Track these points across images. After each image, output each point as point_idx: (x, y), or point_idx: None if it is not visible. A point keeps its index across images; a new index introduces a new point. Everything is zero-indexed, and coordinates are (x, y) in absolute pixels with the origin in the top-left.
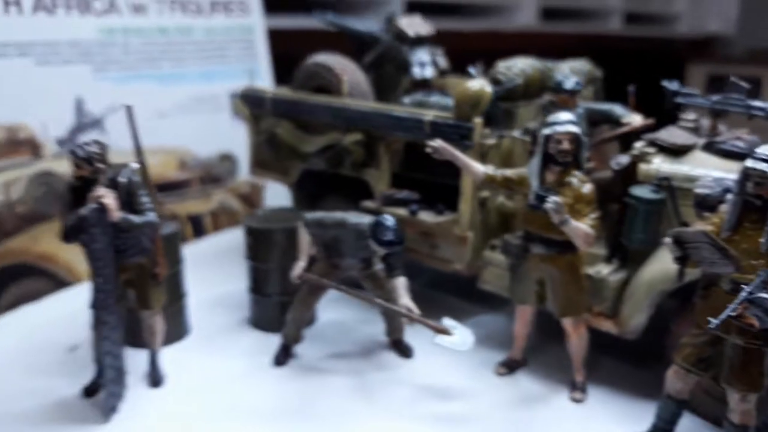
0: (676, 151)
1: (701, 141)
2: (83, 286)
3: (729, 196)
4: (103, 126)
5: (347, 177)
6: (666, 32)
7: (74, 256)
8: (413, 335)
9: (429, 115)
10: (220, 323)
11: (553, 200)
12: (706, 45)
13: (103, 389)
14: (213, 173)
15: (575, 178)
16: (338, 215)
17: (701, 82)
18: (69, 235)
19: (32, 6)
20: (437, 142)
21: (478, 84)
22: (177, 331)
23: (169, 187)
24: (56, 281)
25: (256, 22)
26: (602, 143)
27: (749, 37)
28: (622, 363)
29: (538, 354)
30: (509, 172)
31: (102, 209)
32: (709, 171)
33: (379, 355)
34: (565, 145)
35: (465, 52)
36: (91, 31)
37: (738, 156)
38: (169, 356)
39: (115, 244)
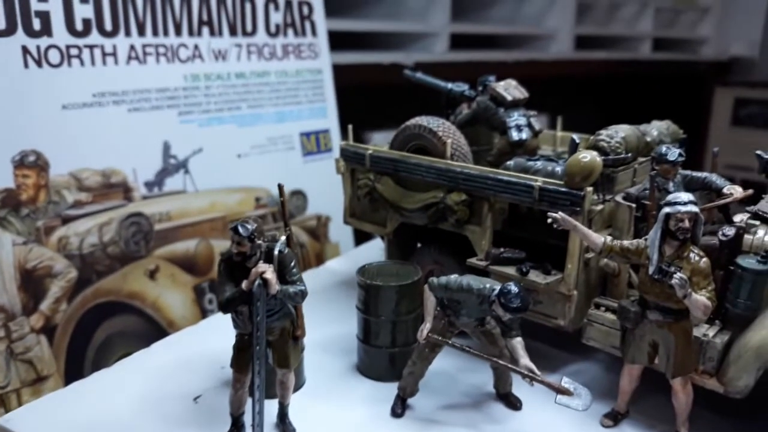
0: None
1: None
2: (182, 333)
3: None
4: (188, 168)
5: (444, 231)
6: (693, 56)
7: (160, 294)
8: (517, 387)
9: (538, 181)
10: (332, 370)
11: (679, 276)
12: (730, 67)
13: None
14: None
15: (693, 253)
16: (463, 281)
17: (729, 104)
18: (229, 307)
19: (126, 57)
20: (559, 214)
21: (590, 156)
22: (296, 381)
23: None
24: (144, 317)
25: (324, 64)
26: (704, 212)
27: None
28: (721, 416)
29: (638, 405)
30: (626, 243)
31: (264, 283)
32: None
33: (489, 407)
34: (686, 224)
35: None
36: (177, 77)
37: None
38: (291, 407)
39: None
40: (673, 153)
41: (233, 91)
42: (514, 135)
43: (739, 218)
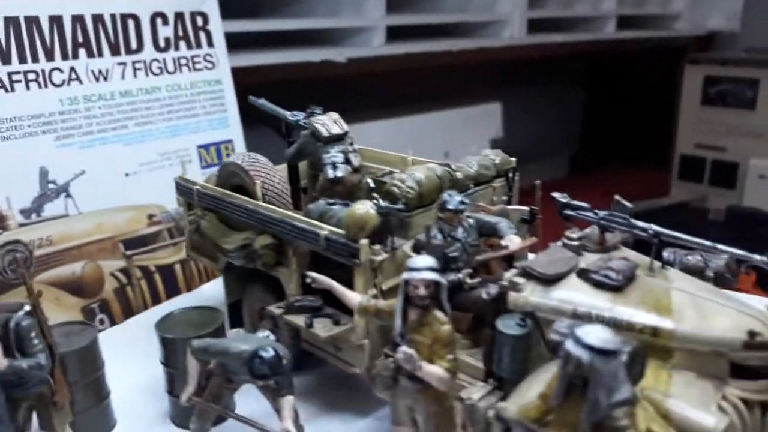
0: (550, 280)
1: (582, 260)
2: None
3: None
4: (69, 192)
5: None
6: (665, 33)
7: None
8: None
9: (325, 230)
10: (146, 415)
11: (402, 351)
12: (708, 43)
13: None
14: (182, 224)
15: (435, 320)
16: (221, 344)
17: (699, 83)
18: None
19: None
20: (313, 275)
21: (364, 208)
22: (103, 427)
23: (139, 243)
24: None
25: (223, 74)
26: (482, 265)
27: (754, 34)
28: None
29: None
30: (381, 304)
31: None
32: (577, 304)
33: None
34: (421, 291)
35: (456, 71)
36: (52, 102)
37: (607, 287)
38: None
39: (14, 379)
40: (453, 201)
41: (118, 111)
42: (329, 173)
43: (509, 274)
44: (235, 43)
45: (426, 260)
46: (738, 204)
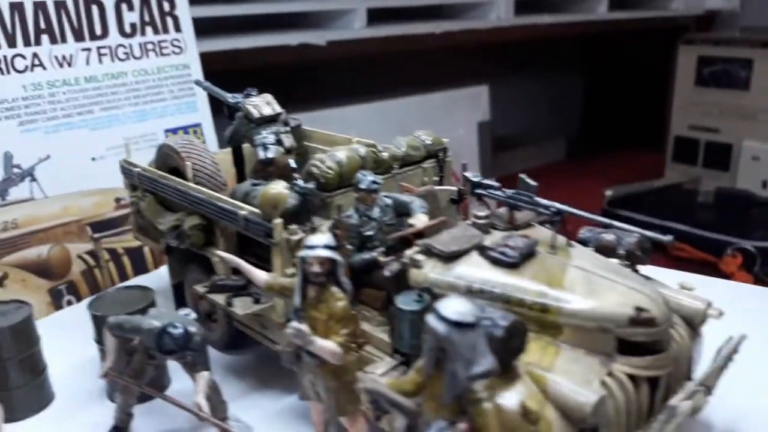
0: (449, 257)
1: (488, 239)
2: None
3: None
4: (34, 176)
5: None
6: (660, 12)
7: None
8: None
9: (244, 210)
10: (84, 391)
11: (292, 326)
12: (707, 22)
13: None
14: None
15: (331, 296)
16: (136, 320)
17: (692, 63)
18: None
19: None
20: (220, 253)
21: (276, 188)
22: (40, 402)
23: (106, 226)
24: None
25: (191, 59)
26: (404, 243)
27: (755, 13)
28: None
29: None
30: (286, 282)
31: None
32: (472, 281)
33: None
34: (316, 268)
35: (441, 54)
36: (15, 87)
37: (504, 264)
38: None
39: None
40: (366, 181)
41: (83, 96)
42: (260, 154)
43: (411, 251)
44: (213, 28)
45: (322, 238)
46: (732, 186)
